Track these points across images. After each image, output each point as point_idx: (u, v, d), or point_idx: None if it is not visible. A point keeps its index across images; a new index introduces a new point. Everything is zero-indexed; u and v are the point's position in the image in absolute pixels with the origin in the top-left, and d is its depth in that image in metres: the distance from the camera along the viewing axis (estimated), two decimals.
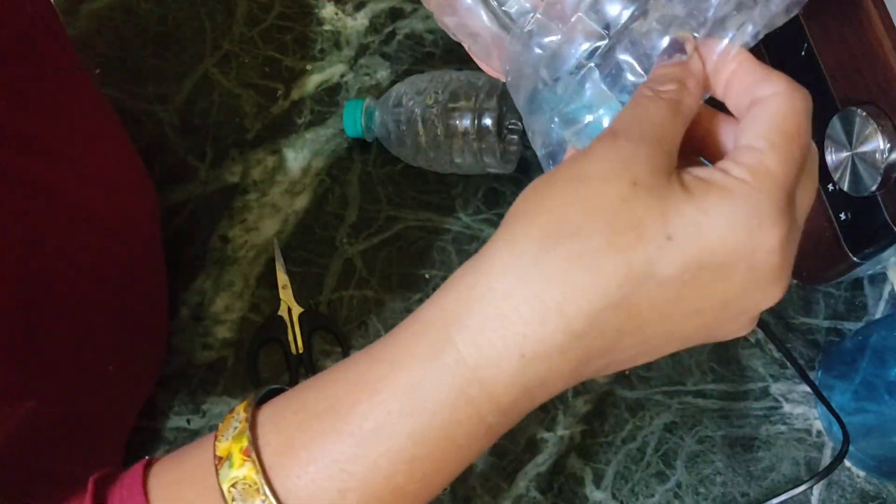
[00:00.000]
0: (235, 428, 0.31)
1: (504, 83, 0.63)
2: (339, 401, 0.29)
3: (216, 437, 0.31)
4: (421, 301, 0.64)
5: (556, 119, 0.34)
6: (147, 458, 0.33)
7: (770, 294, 0.28)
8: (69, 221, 0.48)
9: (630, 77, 0.32)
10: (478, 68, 0.41)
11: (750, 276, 0.27)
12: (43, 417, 0.44)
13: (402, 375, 0.29)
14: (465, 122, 0.63)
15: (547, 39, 0.33)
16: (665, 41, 0.31)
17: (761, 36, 0.31)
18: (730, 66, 0.30)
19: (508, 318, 0.27)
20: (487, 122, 0.63)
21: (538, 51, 0.33)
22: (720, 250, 0.27)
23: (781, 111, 0.28)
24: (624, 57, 0.32)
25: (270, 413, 0.32)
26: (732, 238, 0.27)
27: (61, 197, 0.47)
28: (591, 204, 0.27)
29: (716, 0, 0.30)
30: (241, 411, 0.32)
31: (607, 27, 0.32)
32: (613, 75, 0.32)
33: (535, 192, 0.28)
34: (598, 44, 0.32)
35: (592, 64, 0.32)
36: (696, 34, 0.31)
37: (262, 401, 0.33)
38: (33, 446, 0.44)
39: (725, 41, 0.31)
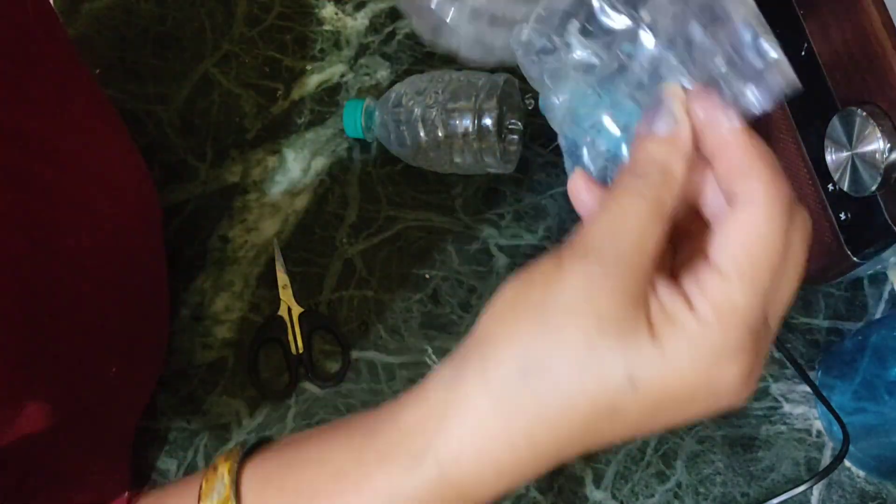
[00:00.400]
0: (220, 494, 0.32)
1: (503, 84, 0.64)
2: (324, 488, 0.31)
3: (199, 498, 0.32)
4: (421, 301, 0.64)
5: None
6: (128, 493, 0.34)
7: (736, 402, 0.29)
8: (70, 221, 0.47)
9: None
10: (478, 68, 0.41)
11: (713, 401, 0.28)
12: (46, 420, 0.44)
13: (384, 480, 0.30)
14: (465, 123, 0.63)
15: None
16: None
17: (755, 112, 0.28)
18: (722, 131, 0.28)
19: (486, 445, 0.29)
20: (487, 122, 0.63)
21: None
22: (681, 390, 0.27)
23: (752, 234, 0.27)
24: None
25: (254, 485, 0.33)
26: (693, 378, 0.27)
27: (62, 197, 0.47)
28: (557, 338, 0.27)
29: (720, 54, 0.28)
30: (225, 474, 0.33)
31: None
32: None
33: (504, 314, 0.29)
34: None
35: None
36: (686, 83, 0.29)
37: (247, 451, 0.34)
38: (37, 448, 0.44)
39: (723, 100, 0.28)
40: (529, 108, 0.69)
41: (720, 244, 0.28)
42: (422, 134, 0.64)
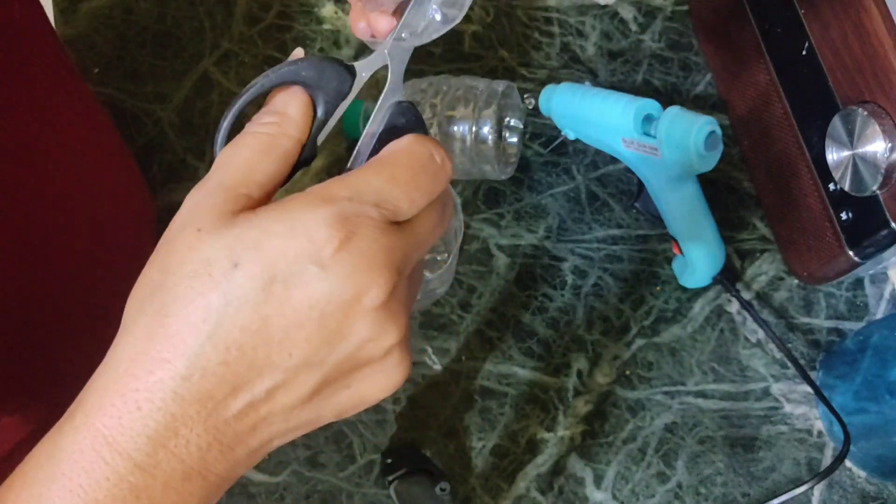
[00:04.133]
0: None
1: (501, 91, 0.63)
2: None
3: None
4: (421, 301, 0.64)
5: None
6: None
7: (364, 290, 0.29)
8: (58, 224, 0.47)
9: None
10: (477, 73, 0.41)
11: (323, 278, 0.29)
12: (36, 427, 0.44)
13: (43, 446, 0.30)
14: (463, 130, 0.63)
15: None
16: None
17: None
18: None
19: (123, 378, 0.29)
20: (485, 129, 0.62)
21: None
22: (282, 260, 0.28)
23: (395, 148, 0.32)
24: None
25: None
26: (291, 246, 0.28)
27: (49, 200, 0.47)
28: (168, 260, 0.29)
29: None
30: None
31: None
32: None
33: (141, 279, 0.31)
34: None
35: None
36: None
37: None
38: (14, 460, 0.44)
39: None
40: (529, 107, 0.69)
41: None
42: None
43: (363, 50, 0.72)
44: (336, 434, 0.60)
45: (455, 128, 0.63)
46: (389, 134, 0.34)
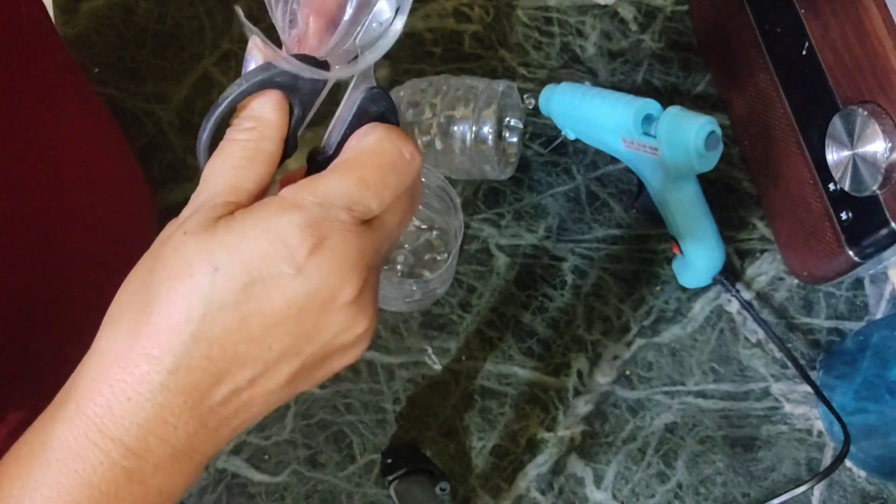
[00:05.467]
0: None
1: (501, 91, 0.63)
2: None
3: None
4: (421, 301, 0.64)
5: None
6: None
7: (339, 290, 0.31)
8: (60, 223, 0.47)
9: None
10: (477, 73, 0.41)
11: (299, 280, 0.30)
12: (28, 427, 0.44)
13: (34, 434, 0.31)
14: (463, 130, 0.63)
15: None
16: None
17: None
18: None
19: (111, 370, 0.30)
20: (485, 130, 0.62)
21: None
22: (259, 261, 0.30)
23: (363, 148, 0.33)
24: None
25: None
26: (268, 248, 0.30)
27: (52, 198, 0.47)
28: (155, 262, 0.31)
29: None
30: None
31: None
32: None
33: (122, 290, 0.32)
34: None
35: None
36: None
37: None
38: None
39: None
40: (529, 107, 0.69)
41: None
42: (420, 141, 0.64)
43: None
44: (336, 434, 0.60)
45: (455, 128, 0.63)
46: (360, 119, 0.34)
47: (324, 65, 0.34)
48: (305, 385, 0.34)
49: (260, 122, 0.33)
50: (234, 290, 0.30)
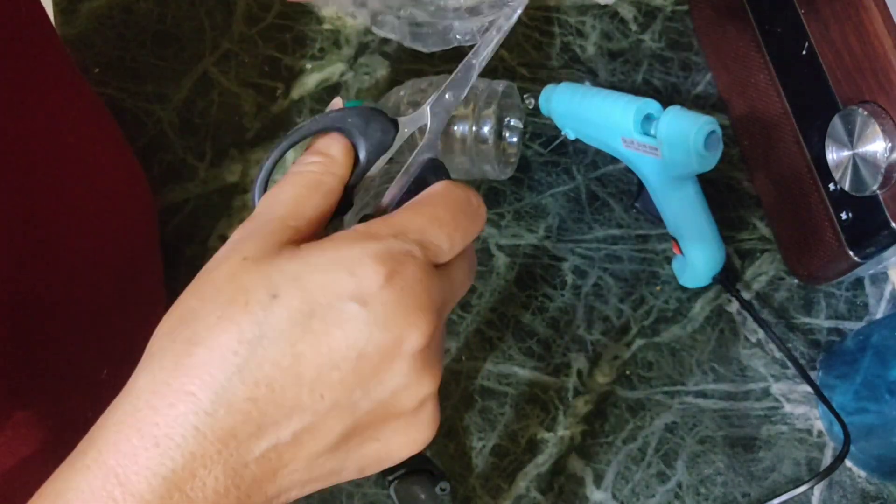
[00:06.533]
0: None
1: (502, 91, 0.63)
2: None
3: None
4: None
5: None
6: None
7: (406, 333, 0.28)
8: (61, 223, 0.47)
9: None
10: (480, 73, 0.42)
11: (364, 317, 0.28)
12: (34, 427, 0.44)
13: (52, 483, 0.28)
14: (463, 131, 0.63)
15: None
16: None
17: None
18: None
19: (142, 411, 0.27)
20: (485, 129, 0.62)
21: None
22: (322, 292, 0.27)
23: (425, 196, 0.33)
24: None
25: None
26: (333, 280, 0.28)
27: (53, 198, 0.47)
28: (206, 288, 0.28)
29: None
30: None
31: None
32: None
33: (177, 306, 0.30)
34: None
35: None
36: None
37: None
38: (24, 457, 0.44)
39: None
40: (529, 107, 0.69)
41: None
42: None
43: (362, 50, 0.73)
44: None
45: (455, 128, 0.63)
46: (419, 186, 0.34)
47: (394, 123, 0.35)
48: (354, 460, 0.30)
49: (325, 157, 0.33)
50: (290, 323, 0.27)
